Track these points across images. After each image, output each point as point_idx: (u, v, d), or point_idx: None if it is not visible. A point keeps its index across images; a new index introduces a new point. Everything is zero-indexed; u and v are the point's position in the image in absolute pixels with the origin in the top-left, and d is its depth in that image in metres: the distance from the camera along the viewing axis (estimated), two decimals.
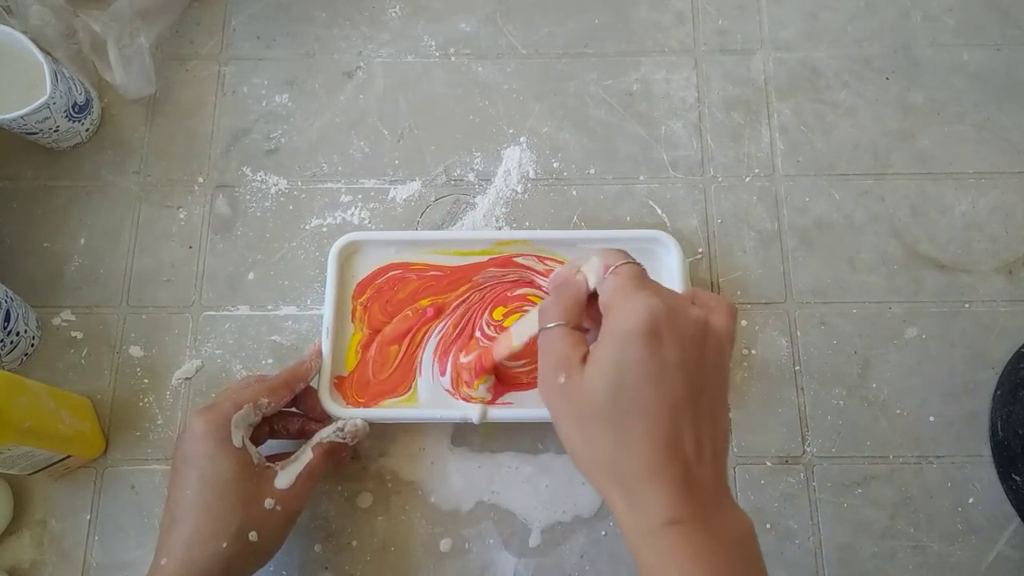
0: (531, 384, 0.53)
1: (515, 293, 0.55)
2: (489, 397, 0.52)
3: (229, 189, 0.62)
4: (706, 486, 0.36)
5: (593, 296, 0.40)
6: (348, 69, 0.65)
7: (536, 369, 0.49)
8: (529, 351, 0.46)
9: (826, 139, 0.62)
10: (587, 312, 0.40)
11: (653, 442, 0.35)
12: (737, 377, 0.56)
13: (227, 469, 0.45)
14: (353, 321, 0.55)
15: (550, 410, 0.39)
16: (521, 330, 0.46)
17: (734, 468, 0.54)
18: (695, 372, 0.36)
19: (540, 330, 0.40)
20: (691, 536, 0.34)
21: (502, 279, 0.55)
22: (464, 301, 0.55)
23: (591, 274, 0.40)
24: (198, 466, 0.45)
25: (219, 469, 0.45)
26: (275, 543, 0.47)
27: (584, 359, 0.37)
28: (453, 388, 0.53)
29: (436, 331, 0.54)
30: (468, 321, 0.54)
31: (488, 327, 0.54)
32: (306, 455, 0.49)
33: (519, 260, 0.56)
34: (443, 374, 0.53)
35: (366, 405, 0.53)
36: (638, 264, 0.39)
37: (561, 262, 0.56)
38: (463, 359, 0.52)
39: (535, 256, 0.56)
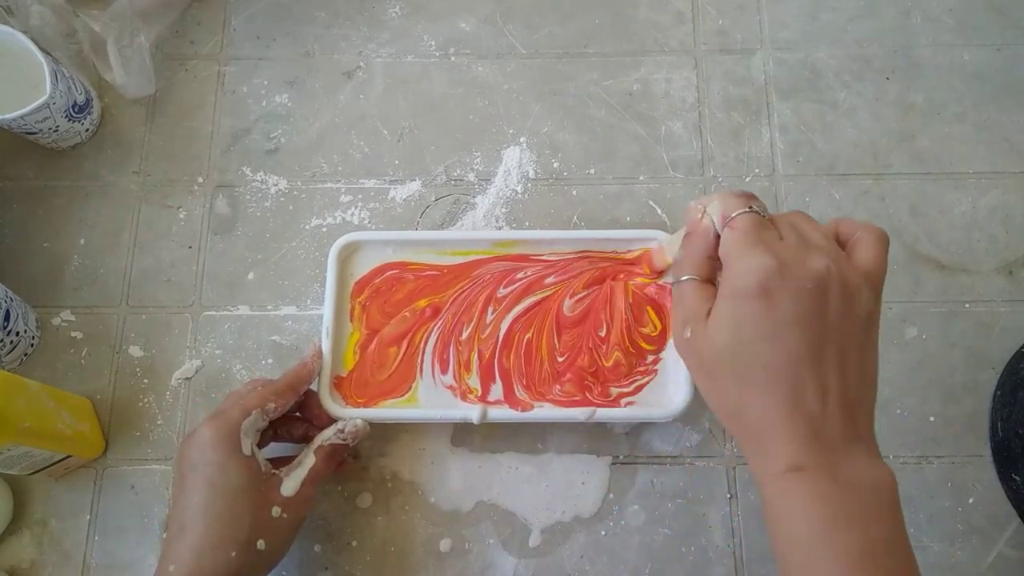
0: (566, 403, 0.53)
1: (522, 277, 0.55)
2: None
3: (229, 189, 0.62)
4: (834, 435, 0.36)
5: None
6: (348, 69, 0.65)
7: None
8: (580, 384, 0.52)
9: (826, 139, 0.62)
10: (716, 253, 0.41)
11: (774, 397, 0.36)
12: None
13: (237, 478, 0.45)
14: (351, 321, 0.55)
15: (683, 361, 0.41)
16: (671, 247, 0.49)
17: (734, 468, 0.54)
18: (815, 325, 0.36)
19: (673, 283, 0.42)
20: (813, 481, 0.35)
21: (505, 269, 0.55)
22: (463, 292, 0.55)
23: (715, 216, 0.40)
24: (207, 474, 0.45)
25: (229, 478, 0.45)
26: (281, 551, 0.47)
27: (709, 313, 0.39)
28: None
29: (435, 330, 0.54)
30: (468, 307, 0.54)
31: (491, 311, 0.54)
32: (309, 460, 0.49)
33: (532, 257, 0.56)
34: (444, 372, 0.53)
35: (366, 405, 0.52)
36: (755, 212, 0.39)
37: (566, 255, 0.56)
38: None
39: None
